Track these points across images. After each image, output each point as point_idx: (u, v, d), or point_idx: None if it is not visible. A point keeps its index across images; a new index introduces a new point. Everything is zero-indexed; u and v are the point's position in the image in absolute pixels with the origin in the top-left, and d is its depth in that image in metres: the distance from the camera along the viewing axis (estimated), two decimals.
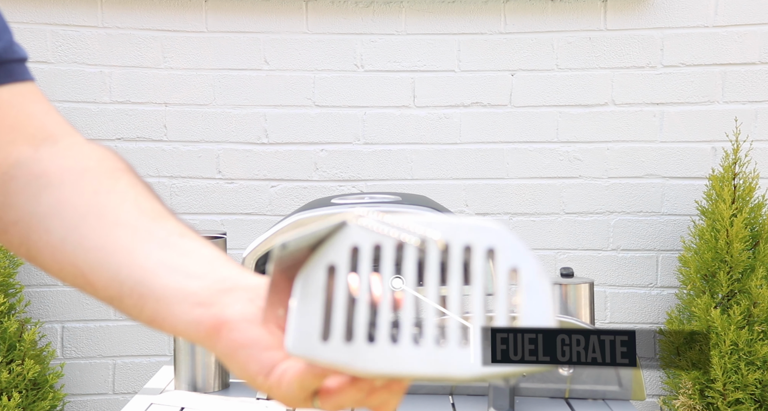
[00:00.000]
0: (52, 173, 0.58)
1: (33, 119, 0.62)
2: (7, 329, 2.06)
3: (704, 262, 2.19)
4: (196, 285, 0.51)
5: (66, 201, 0.56)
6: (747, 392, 2.08)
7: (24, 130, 0.61)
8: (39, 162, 0.59)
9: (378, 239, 0.47)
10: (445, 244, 0.46)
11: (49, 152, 0.60)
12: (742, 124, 2.37)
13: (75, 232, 0.55)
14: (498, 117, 2.41)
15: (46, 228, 0.56)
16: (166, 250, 0.53)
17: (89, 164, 0.59)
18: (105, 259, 0.54)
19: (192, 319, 0.50)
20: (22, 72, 0.64)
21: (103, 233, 0.54)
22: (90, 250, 0.54)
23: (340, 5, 2.39)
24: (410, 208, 1.46)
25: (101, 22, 2.35)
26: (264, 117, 2.40)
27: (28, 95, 0.63)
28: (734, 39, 2.39)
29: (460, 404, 1.43)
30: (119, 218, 0.55)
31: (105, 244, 0.54)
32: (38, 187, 0.58)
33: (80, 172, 0.58)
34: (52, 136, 0.62)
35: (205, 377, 1.52)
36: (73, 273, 0.56)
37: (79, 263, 0.55)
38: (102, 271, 0.54)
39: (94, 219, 0.55)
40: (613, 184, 2.42)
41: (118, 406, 2.36)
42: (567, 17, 2.40)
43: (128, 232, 0.54)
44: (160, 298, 0.51)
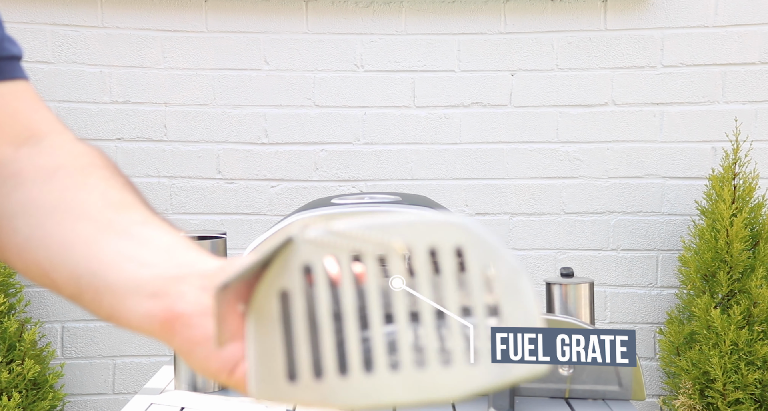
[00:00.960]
0: (25, 173, 0.57)
1: (19, 118, 0.61)
2: (7, 329, 2.06)
3: (704, 262, 2.19)
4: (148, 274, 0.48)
5: (34, 199, 0.56)
6: (747, 392, 2.08)
7: (8, 130, 0.60)
8: (16, 162, 0.59)
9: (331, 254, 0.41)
10: (407, 249, 0.41)
11: (28, 152, 0.59)
12: (742, 124, 2.37)
13: (39, 230, 0.54)
14: (498, 117, 2.41)
15: (14, 227, 0.55)
16: (124, 241, 0.51)
17: (64, 161, 0.58)
18: (65, 254, 0.52)
19: (144, 311, 0.48)
20: (11, 70, 0.62)
21: (66, 228, 0.53)
22: (51, 247, 0.53)
23: (340, 5, 2.39)
24: (410, 207, 1.46)
25: (101, 22, 2.35)
26: (264, 117, 2.40)
27: (16, 94, 0.62)
28: (734, 39, 2.39)
29: (460, 404, 1.43)
30: (83, 212, 0.53)
31: (66, 239, 0.53)
32: (10, 186, 0.57)
33: (53, 170, 0.57)
34: (36, 135, 0.61)
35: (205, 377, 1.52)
36: (37, 272, 0.54)
37: (42, 261, 0.54)
38: (62, 268, 0.52)
39: (59, 215, 0.54)
40: (613, 184, 2.42)
41: (118, 406, 2.36)
42: (567, 17, 2.40)
43: (90, 225, 0.52)
44: (115, 291, 0.49)
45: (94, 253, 0.51)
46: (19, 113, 0.61)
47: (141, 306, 0.48)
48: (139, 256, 0.50)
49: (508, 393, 1.36)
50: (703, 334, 2.13)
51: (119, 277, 0.49)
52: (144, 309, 0.48)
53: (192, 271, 0.48)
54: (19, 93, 0.62)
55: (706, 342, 2.12)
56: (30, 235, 0.54)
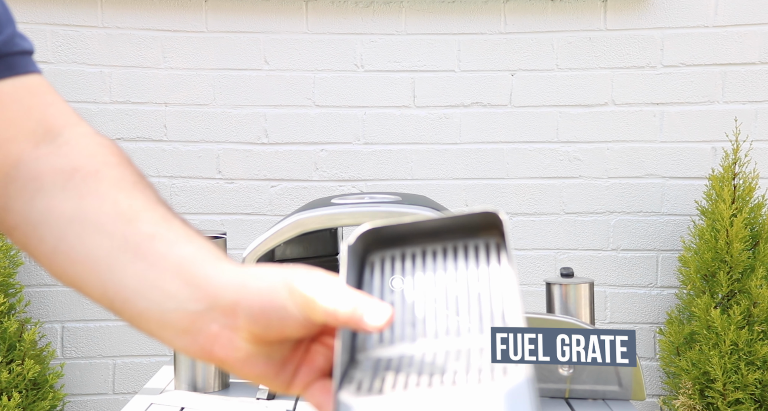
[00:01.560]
0: (45, 175, 0.57)
1: (34, 113, 0.60)
2: (7, 329, 2.06)
3: (704, 262, 2.19)
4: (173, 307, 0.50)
5: (55, 208, 0.56)
6: (747, 392, 2.08)
7: (24, 126, 0.59)
8: (36, 162, 0.58)
9: None
10: None
11: (46, 151, 0.59)
12: (742, 124, 2.37)
13: (63, 243, 0.55)
14: (498, 117, 2.41)
15: (40, 237, 0.56)
16: (140, 261, 0.52)
17: (79, 163, 0.58)
18: (90, 274, 0.54)
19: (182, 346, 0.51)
20: (24, 64, 0.62)
21: (86, 244, 0.54)
22: (76, 264, 0.54)
23: (340, 5, 2.39)
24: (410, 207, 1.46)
25: (101, 22, 2.35)
26: (264, 117, 2.40)
27: (30, 88, 0.61)
28: (734, 39, 2.39)
29: None
30: (98, 225, 0.54)
31: (88, 255, 0.54)
32: (33, 191, 0.57)
33: (69, 173, 0.57)
34: (53, 131, 0.60)
35: (205, 377, 1.52)
36: (70, 282, 0.56)
37: (71, 276, 0.55)
38: (91, 287, 0.54)
39: (78, 227, 0.54)
40: (613, 184, 2.42)
41: (118, 406, 2.36)
42: (567, 17, 2.40)
43: (106, 240, 0.53)
44: (149, 322, 0.52)
45: (119, 278, 0.52)
46: (34, 109, 0.61)
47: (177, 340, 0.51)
48: (160, 284, 0.51)
49: None
50: (703, 334, 2.13)
51: (148, 308, 0.51)
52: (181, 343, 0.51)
53: (212, 304, 0.50)
54: (33, 88, 0.62)
55: (706, 342, 2.12)
56: (55, 247, 0.55)
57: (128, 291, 0.52)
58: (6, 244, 2.17)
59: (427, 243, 0.52)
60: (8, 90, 0.60)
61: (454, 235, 0.52)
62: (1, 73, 0.60)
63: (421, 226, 0.52)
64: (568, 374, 1.42)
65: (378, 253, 0.53)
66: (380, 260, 0.53)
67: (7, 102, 0.60)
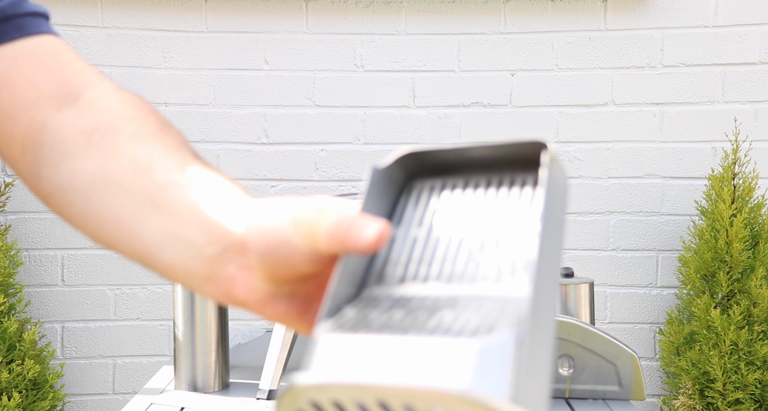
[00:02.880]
0: (68, 139, 0.56)
1: (52, 75, 0.58)
2: (7, 329, 2.06)
3: (704, 262, 2.19)
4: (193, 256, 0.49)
5: (78, 170, 0.55)
6: (747, 392, 2.08)
7: (44, 89, 0.57)
8: (60, 125, 0.57)
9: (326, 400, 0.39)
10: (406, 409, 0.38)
11: (69, 113, 0.57)
12: (742, 124, 2.37)
13: (89, 205, 0.54)
14: (498, 117, 2.41)
15: (69, 201, 0.55)
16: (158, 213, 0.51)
17: (99, 120, 0.56)
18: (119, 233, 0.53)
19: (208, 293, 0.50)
20: (35, 25, 0.60)
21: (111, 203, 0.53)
22: (105, 225, 0.54)
23: (340, 5, 2.39)
24: None
25: (101, 22, 2.35)
26: (264, 117, 2.40)
27: (46, 49, 0.59)
28: (734, 39, 2.39)
29: None
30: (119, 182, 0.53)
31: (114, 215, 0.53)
32: (58, 155, 0.56)
33: (91, 132, 0.55)
34: (74, 92, 0.58)
35: (205, 377, 1.52)
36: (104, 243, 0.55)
37: (103, 236, 0.54)
38: (122, 246, 0.53)
39: (100, 187, 0.54)
40: (613, 184, 2.42)
41: (118, 406, 2.36)
42: (567, 17, 2.40)
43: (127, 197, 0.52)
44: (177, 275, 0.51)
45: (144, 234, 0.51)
46: (51, 70, 0.58)
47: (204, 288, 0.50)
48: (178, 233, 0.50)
49: None
50: (703, 334, 2.13)
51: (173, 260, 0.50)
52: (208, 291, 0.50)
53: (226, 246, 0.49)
54: (47, 48, 0.59)
55: (706, 342, 2.12)
56: (83, 209, 0.54)
57: (153, 245, 0.51)
58: (6, 244, 2.17)
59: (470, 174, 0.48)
60: (21, 52, 0.58)
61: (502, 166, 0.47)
62: (11, 35, 0.58)
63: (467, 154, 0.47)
64: (568, 374, 1.42)
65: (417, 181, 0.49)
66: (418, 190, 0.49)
67: (22, 64, 0.58)
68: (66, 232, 2.36)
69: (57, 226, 2.36)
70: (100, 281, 2.38)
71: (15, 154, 0.59)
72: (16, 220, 2.35)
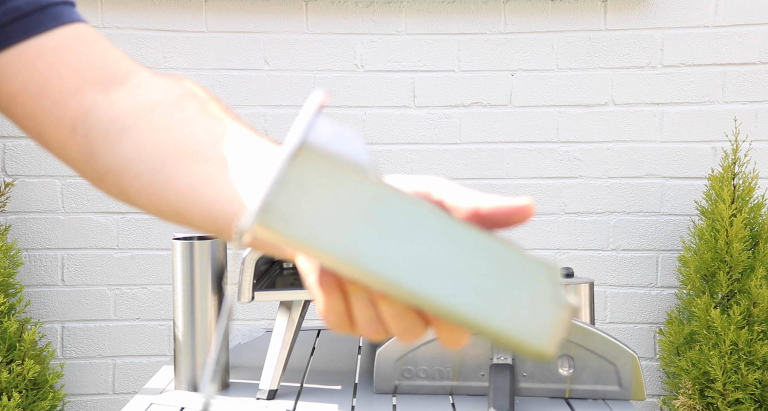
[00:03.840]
0: (125, 115, 0.58)
1: (93, 61, 0.60)
2: (7, 329, 2.06)
3: (704, 262, 2.19)
4: None
5: (144, 143, 0.56)
6: (747, 392, 2.08)
7: (89, 75, 0.60)
8: (112, 105, 0.58)
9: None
10: None
11: (119, 94, 0.59)
12: (742, 124, 2.37)
13: (160, 174, 0.55)
14: (498, 117, 2.41)
15: (135, 173, 0.56)
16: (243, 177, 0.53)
17: (157, 97, 0.58)
18: (195, 197, 0.54)
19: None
20: (69, 14, 0.61)
21: (186, 170, 0.54)
22: (179, 190, 0.55)
23: (340, 5, 2.39)
24: None
25: (101, 22, 2.35)
26: (264, 117, 2.40)
27: (82, 37, 0.61)
28: (734, 39, 2.39)
29: (460, 404, 1.43)
30: (196, 151, 0.55)
31: (190, 181, 0.54)
32: (116, 131, 0.57)
33: (150, 108, 0.57)
34: (118, 77, 0.60)
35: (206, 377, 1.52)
36: (171, 213, 0.56)
37: (174, 203, 0.55)
38: (196, 209, 0.54)
39: (173, 157, 0.55)
40: (613, 184, 2.42)
41: (118, 406, 2.36)
42: (567, 17, 2.40)
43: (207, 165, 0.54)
44: None
45: (224, 195, 0.52)
46: (92, 56, 0.60)
47: None
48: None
49: (508, 393, 1.37)
50: (703, 334, 2.14)
51: None
52: None
53: None
54: (84, 36, 0.61)
55: (706, 342, 2.13)
56: (152, 179, 0.56)
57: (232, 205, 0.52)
58: (6, 244, 2.17)
59: None
60: (61, 40, 0.60)
61: None
62: (49, 24, 0.60)
63: None
64: (568, 374, 1.42)
65: None
66: None
67: (63, 52, 0.60)
68: (66, 232, 2.36)
69: (57, 226, 2.36)
70: (100, 281, 2.38)
71: (64, 137, 0.60)
72: (16, 220, 2.35)
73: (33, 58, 0.59)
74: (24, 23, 0.59)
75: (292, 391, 1.52)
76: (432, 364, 1.45)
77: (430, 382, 1.46)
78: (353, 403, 1.45)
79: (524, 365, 1.43)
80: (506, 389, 1.37)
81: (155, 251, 2.38)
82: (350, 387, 1.54)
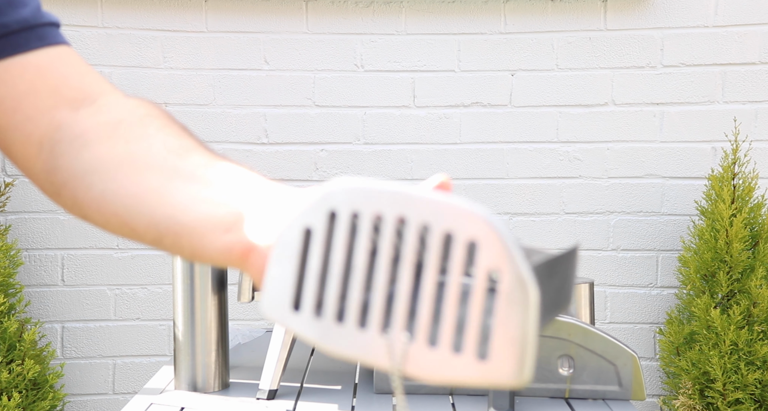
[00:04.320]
0: (89, 131, 0.60)
1: (71, 81, 0.63)
2: (7, 329, 2.06)
3: (704, 262, 2.19)
4: (222, 211, 0.52)
5: (102, 155, 0.59)
6: (747, 392, 2.08)
7: (64, 94, 0.62)
8: (78, 123, 0.61)
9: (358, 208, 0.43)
10: (423, 227, 0.42)
11: (87, 112, 0.62)
12: (742, 124, 2.37)
13: (112, 183, 0.58)
14: (498, 117, 2.41)
15: (88, 184, 0.59)
16: (192, 184, 0.55)
17: (122, 116, 0.61)
18: (141, 203, 0.56)
19: (222, 245, 0.52)
20: (54, 35, 0.64)
21: (137, 179, 0.57)
22: (127, 198, 0.57)
23: (340, 5, 2.39)
24: None
25: (101, 22, 2.35)
26: (264, 117, 2.40)
27: (64, 58, 0.64)
28: (734, 39, 2.39)
29: (460, 404, 1.43)
30: (149, 162, 0.57)
31: (138, 189, 0.56)
32: (78, 146, 0.60)
33: (114, 125, 0.60)
34: (91, 96, 0.63)
35: (205, 377, 1.52)
36: (117, 222, 0.58)
37: (120, 212, 0.57)
38: (140, 217, 0.56)
39: (127, 167, 0.57)
40: (613, 184, 2.42)
41: (118, 406, 2.36)
42: (567, 17, 2.40)
43: (157, 173, 0.56)
44: (193, 231, 0.53)
45: (168, 201, 0.55)
46: (70, 77, 0.63)
47: (219, 240, 0.52)
48: (210, 197, 0.54)
49: (508, 393, 1.36)
50: (703, 334, 2.14)
51: (196, 217, 0.53)
52: (222, 243, 0.52)
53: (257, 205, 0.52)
54: (66, 57, 0.64)
55: (706, 342, 2.13)
56: (104, 189, 0.58)
57: (177, 209, 0.54)
58: (6, 244, 2.17)
59: None
60: (44, 60, 0.63)
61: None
62: (35, 44, 0.63)
63: None
64: (568, 374, 1.42)
65: None
66: None
67: (44, 72, 0.63)
68: (66, 232, 2.36)
69: (57, 226, 2.36)
70: (100, 281, 2.38)
71: (30, 153, 0.63)
72: (16, 220, 2.35)
73: (15, 74, 0.62)
74: (11, 41, 0.62)
75: (292, 391, 1.52)
76: None
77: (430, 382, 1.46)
78: (353, 403, 1.45)
79: None
80: (506, 389, 1.37)
81: (155, 251, 2.39)
82: (350, 387, 1.54)
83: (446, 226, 0.41)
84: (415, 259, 0.41)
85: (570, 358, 1.42)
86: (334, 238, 0.44)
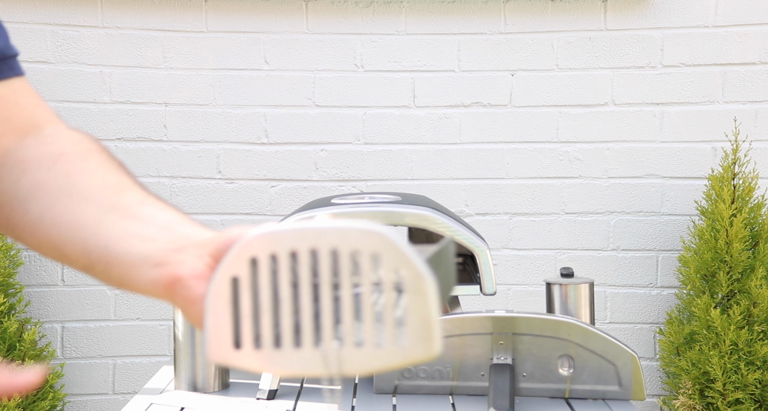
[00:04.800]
0: (31, 160, 0.64)
1: (23, 112, 0.67)
2: (7, 329, 2.06)
3: (704, 262, 2.19)
4: (153, 247, 0.56)
5: (42, 183, 0.62)
6: (747, 392, 2.08)
7: (15, 123, 0.66)
8: (21, 150, 0.65)
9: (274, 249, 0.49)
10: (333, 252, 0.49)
11: (32, 141, 0.65)
12: (742, 124, 2.37)
13: (50, 211, 0.61)
14: (498, 117, 2.41)
15: (26, 209, 0.62)
16: (127, 219, 0.58)
17: (65, 148, 0.64)
18: (75, 232, 0.59)
19: (151, 278, 0.55)
20: (16, 67, 0.69)
21: (73, 209, 0.60)
22: (62, 226, 0.60)
23: (340, 5, 2.39)
24: (410, 208, 1.46)
25: (101, 22, 2.35)
26: (264, 117, 2.40)
27: (20, 89, 0.68)
28: (734, 39, 2.39)
29: (460, 404, 1.43)
30: (87, 195, 0.60)
31: (75, 219, 0.60)
32: (19, 172, 0.63)
33: (56, 156, 0.63)
34: (37, 127, 0.67)
35: (205, 377, 1.52)
36: (50, 247, 0.61)
37: (54, 238, 0.60)
38: (74, 244, 0.59)
39: (66, 198, 0.61)
40: (613, 184, 2.42)
41: (118, 406, 2.36)
42: (567, 17, 2.40)
43: (94, 206, 0.60)
44: (123, 263, 0.56)
45: (103, 233, 0.58)
46: (22, 108, 0.67)
47: (148, 274, 0.55)
48: (142, 233, 0.57)
49: (508, 393, 1.37)
50: (703, 334, 2.14)
51: (128, 250, 0.57)
52: (150, 276, 0.55)
53: (189, 242, 0.56)
54: (21, 89, 0.68)
55: (706, 342, 2.13)
56: (41, 215, 0.61)
57: (110, 241, 0.57)
58: (6, 244, 2.17)
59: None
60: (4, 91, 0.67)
61: None
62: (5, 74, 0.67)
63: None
64: (568, 374, 1.42)
65: None
66: None
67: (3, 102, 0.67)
68: None
69: None
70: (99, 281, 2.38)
71: None
72: None
73: None
74: None
75: (292, 391, 1.52)
76: (432, 364, 1.45)
77: (430, 382, 1.46)
78: (353, 403, 1.45)
79: (524, 365, 1.43)
80: (506, 389, 1.37)
81: None
82: (350, 387, 1.54)
83: (351, 246, 0.48)
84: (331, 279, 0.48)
85: (570, 358, 1.42)
86: (259, 281, 0.50)
